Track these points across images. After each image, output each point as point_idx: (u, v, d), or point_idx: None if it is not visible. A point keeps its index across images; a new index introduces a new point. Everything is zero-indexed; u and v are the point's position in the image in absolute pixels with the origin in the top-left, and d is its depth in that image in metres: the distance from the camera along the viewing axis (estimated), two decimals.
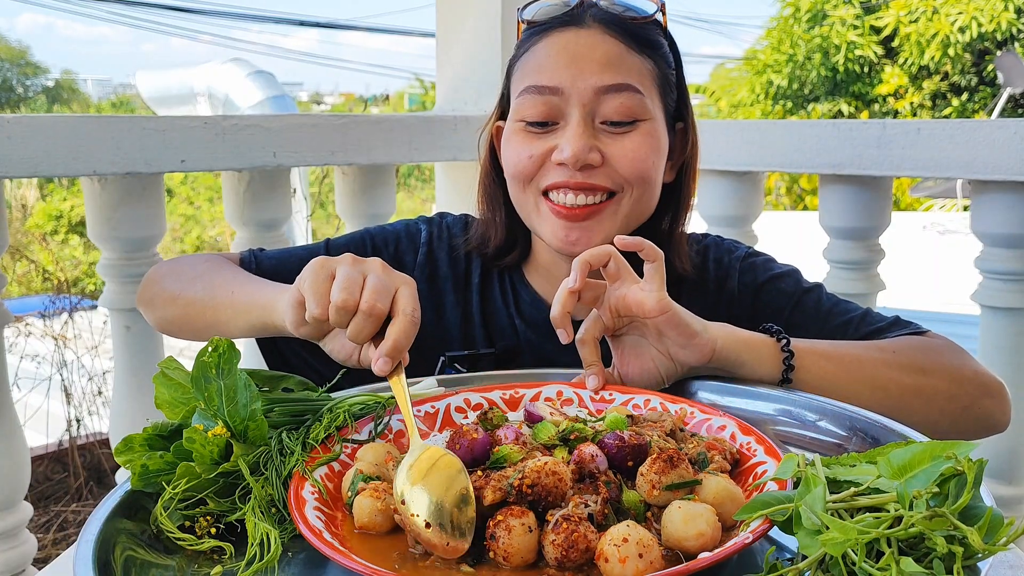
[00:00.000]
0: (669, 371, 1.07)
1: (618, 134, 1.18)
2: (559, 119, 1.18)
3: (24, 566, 1.86)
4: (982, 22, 14.41)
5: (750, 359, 1.09)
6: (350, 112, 7.46)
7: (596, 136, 1.17)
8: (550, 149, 1.18)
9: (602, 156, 1.17)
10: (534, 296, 1.32)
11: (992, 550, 0.63)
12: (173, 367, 0.95)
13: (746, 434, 0.90)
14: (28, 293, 7.16)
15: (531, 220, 1.25)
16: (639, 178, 1.18)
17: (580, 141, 1.15)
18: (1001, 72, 12.75)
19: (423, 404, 1.01)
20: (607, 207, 1.19)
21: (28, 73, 29.08)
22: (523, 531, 0.72)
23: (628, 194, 1.19)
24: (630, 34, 1.19)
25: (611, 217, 1.20)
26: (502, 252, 1.33)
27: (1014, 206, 1.85)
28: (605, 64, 1.16)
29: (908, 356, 1.17)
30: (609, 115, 1.17)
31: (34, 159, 1.69)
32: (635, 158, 1.17)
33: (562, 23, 1.20)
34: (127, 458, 0.88)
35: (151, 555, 0.80)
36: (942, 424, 1.17)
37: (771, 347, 1.11)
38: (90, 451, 3.75)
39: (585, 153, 1.16)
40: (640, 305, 1.03)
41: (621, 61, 1.17)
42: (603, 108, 1.17)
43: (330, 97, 35.01)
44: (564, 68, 1.17)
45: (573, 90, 1.16)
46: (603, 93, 1.16)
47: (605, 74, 1.16)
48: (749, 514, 0.73)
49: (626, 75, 1.17)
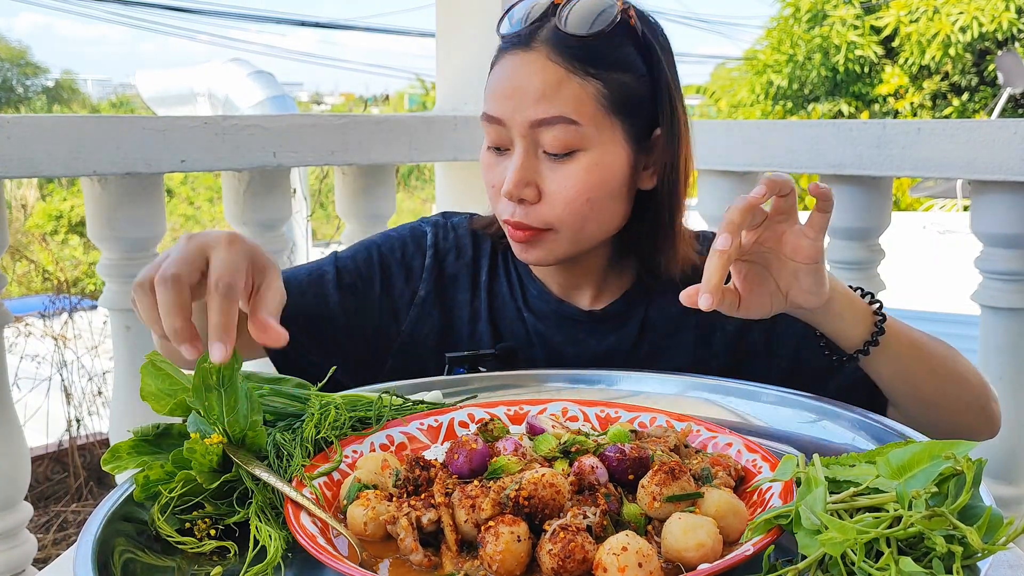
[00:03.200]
0: (778, 307, 1.06)
1: (557, 164, 1.16)
2: (509, 146, 1.18)
3: (24, 566, 1.86)
4: (983, 22, 14.40)
5: (850, 317, 1.10)
6: (350, 112, 7.46)
7: (538, 168, 1.16)
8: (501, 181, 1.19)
9: (539, 191, 1.16)
10: (540, 288, 1.32)
11: (992, 549, 0.64)
12: (161, 359, 0.95)
13: (752, 452, 0.90)
14: (28, 293, 7.16)
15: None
16: (572, 217, 1.17)
17: (515, 176, 1.15)
18: (1001, 72, 12.75)
19: (426, 417, 1.01)
20: (546, 236, 1.19)
21: (28, 73, 29.08)
22: (512, 539, 0.71)
23: (566, 229, 1.18)
24: (576, 56, 1.14)
25: (555, 243, 1.19)
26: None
27: (1014, 206, 1.85)
28: (539, 96, 1.13)
29: (950, 350, 1.20)
30: (546, 146, 1.15)
31: (34, 159, 1.69)
32: (567, 198, 1.15)
33: (514, 44, 1.17)
34: (114, 466, 0.88)
35: (151, 556, 0.80)
36: (965, 420, 1.20)
37: (867, 312, 1.12)
38: (90, 451, 3.75)
39: (520, 189, 1.15)
40: (797, 249, 1.01)
41: (556, 92, 1.13)
42: (541, 139, 1.15)
43: (330, 97, 35.01)
44: (505, 99, 1.15)
45: (512, 122, 1.15)
46: (537, 126, 1.14)
47: (539, 107, 1.13)
48: (756, 533, 0.72)
49: (561, 106, 1.13)
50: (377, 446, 0.96)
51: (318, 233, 8.52)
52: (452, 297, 1.33)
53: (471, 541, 0.76)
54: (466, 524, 0.76)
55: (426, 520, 0.77)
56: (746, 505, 0.80)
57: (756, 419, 1.08)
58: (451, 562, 0.74)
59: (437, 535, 0.77)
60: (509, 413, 1.03)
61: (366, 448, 0.95)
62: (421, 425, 1.00)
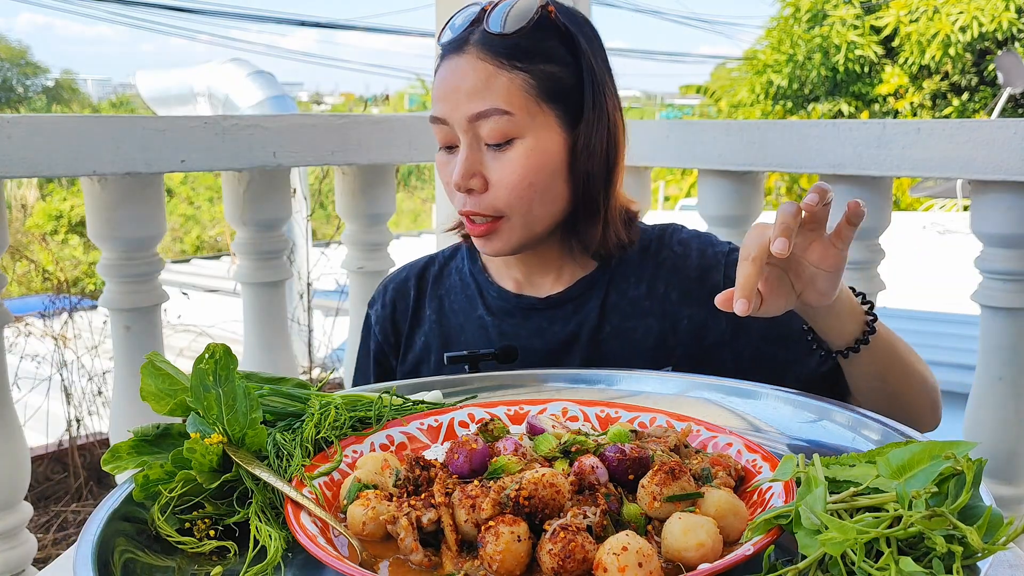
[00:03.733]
0: (790, 305, 1.10)
1: (498, 154, 1.24)
2: (456, 143, 1.27)
3: (24, 566, 1.86)
4: (983, 22, 14.40)
5: (847, 317, 1.15)
6: (350, 112, 7.45)
7: (482, 160, 1.25)
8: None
9: (486, 181, 1.25)
10: (499, 290, 1.40)
11: (992, 549, 0.64)
12: (160, 359, 0.95)
13: (752, 452, 0.90)
14: (28, 293, 7.16)
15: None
16: (519, 202, 1.25)
17: (461, 168, 1.24)
18: (1001, 72, 12.73)
19: (427, 417, 1.01)
20: (501, 224, 1.27)
21: (28, 73, 29.08)
22: (512, 539, 0.71)
23: (516, 214, 1.26)
24: (501, 52, 1.23)
25: (510, 230, 1.27)
26: None
27: (1014, 206, 1.85)
28: (472, 92, 1.23)
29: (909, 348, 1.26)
30: (486, 138, 1.24)
31: (34, 159, 1.69)
32: (510, 183, 1.24)
33: (449, 50, 1.27)
34: (114, 466, 0.88)
35: (151, 555, 0.80)
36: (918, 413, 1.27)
37: (860, 313, 1.17)
38: (90, 451, 3.75)
39: (467, 180, 1.24)
40: (824, 257, 1.05)
41: (487, 86, 1.22)
42: (481, 132, 1.24)
43: (330, 97, 35.00)
44: (444, 100, 1.25)
45: (453, 120, 1.24)
46: (475, 120, 1.23)
47: (473, 102, 1.22)
48: (756, 533, 0.72)
49: (492, 99, 1.22)
50: (377, 446, 0.96)
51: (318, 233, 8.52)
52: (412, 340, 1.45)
53: (471, 541, 0.76)
54: (466, 524, 0.76)
55: (426, 520, 0.77)
56: (746, 505, 0.80)
57: (756, 419, 1.08)
58: (451, 562, 0.74)
59: (437, 535, 0.77)
60: (509, 413, 1.03)
61: (366, 448, 0.95)
62: (421, 425, 1.00)
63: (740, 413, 1.09)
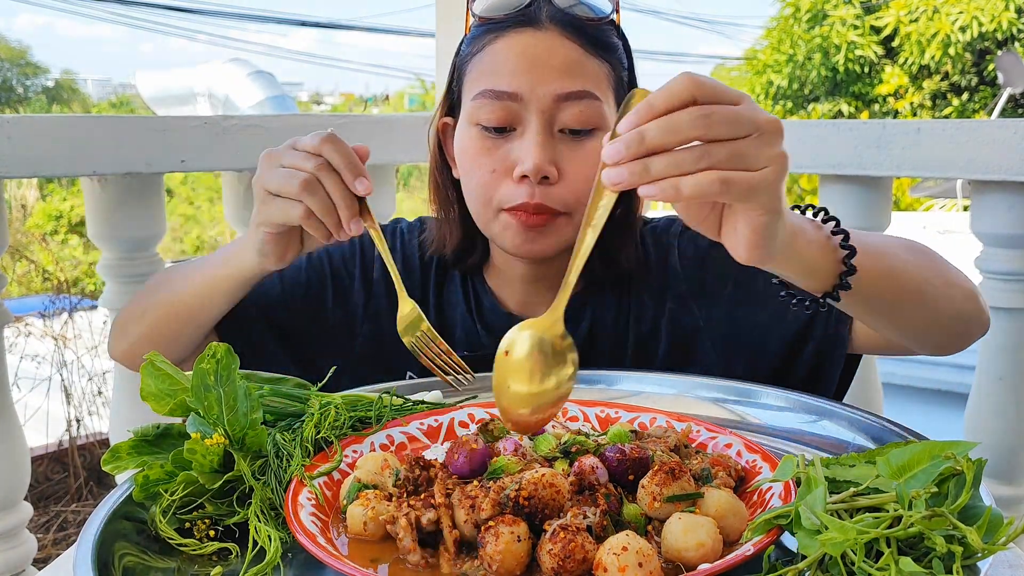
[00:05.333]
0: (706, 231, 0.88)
1: (576, 143, 1.15)
2: (517, 124, 1.15)
3: (24, 566, 1.86)
4: (983, 22, 14.39)
5: (809, 257, 0.91)
6: (350, 112, 7.46)
7: (555, 146, 1.14)
8: (510, 164, 1.15)
9: (559, 170, 1.14)
10: (493, 302, 1.31)
11: (991, 549, 0.64)
12: (161, 359, 0.95)
13: (752, 452, 0.90)
14: (28, 293, 7.15)
15: (488, 227, 1.22)
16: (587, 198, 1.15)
17: (541, 153, 1.12)
18: (1001, 72, 12.73)
19: (427, 417, 1.01)
20: (559, 222, 1.17)
21: (28, 73, 29.06)
22: (512, 539, 0.71)
23: (578, 213, 1.16)
24: (587, 37, 1.15)
25: (563, 230, 1.18)
26: (461, 254, 1.31)
27: (1014, 206, 1.85)
28: (565, 70, 1.13)
29: (928, 260, 1.09)
30: (568, 123, 1.14)
31: (34, 159, 1.69)
32: (589, 176, 1.11)
33: (517, 22, 1.16)
34: (114, 466, 0.88)
35: (151, 556, 0.80)
36: (956, 329, 1.12)
37: (828, 249, 0.93)
38: (90, 451, 3.75)
39: (545, 166, 1.13)
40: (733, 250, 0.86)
41: (580, 67, 1.14)
42: (562, 116, 1.14)
43: (330, 97, 34.98)
44: (523, 73, 1.13)
45: (532, 96, 1.13)
46: (562, 100, 1.13)
47: (565, 80, 1.13)
48: (756, 533, 0.72)
49: (585, 81, 1.14)
50: (377, 446, 0.96)
51: None
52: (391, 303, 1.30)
53: (470, 542, 0.76)
54: (466, 524, 0.76)
55: (425, 520, 0.77)
56: (746, 505, 0.80)
57: (756, 419, 1.08)
58: (447, 564, 0.74)
59: (437, 535, 0.77)
60: None
61: (366, 448, 0.95)
62: (421, 425, 1.00)
63: (740, 413, 1.09)
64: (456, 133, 1.24)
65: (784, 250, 0.87)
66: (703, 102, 0.76)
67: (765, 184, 0.78)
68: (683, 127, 0.75)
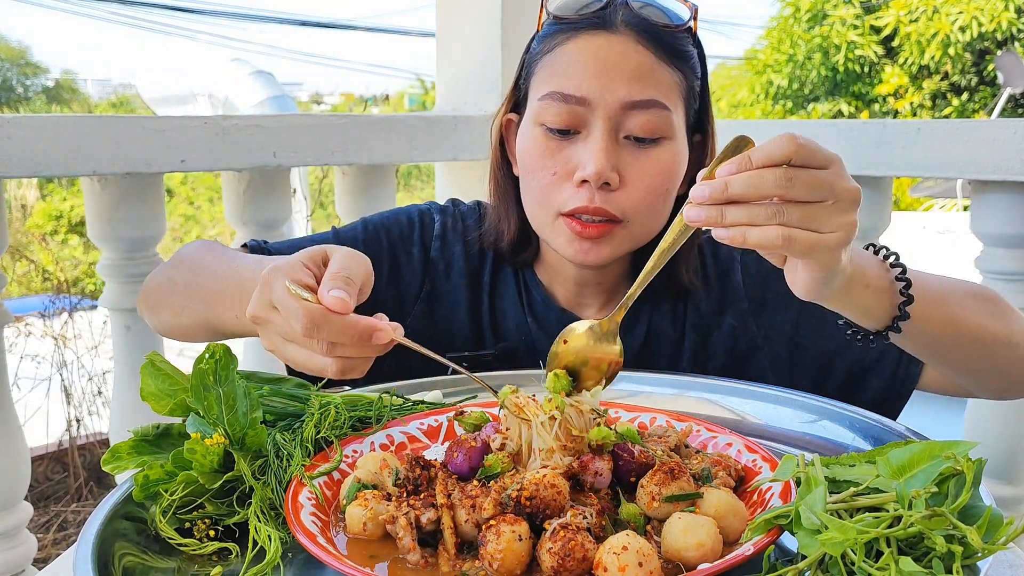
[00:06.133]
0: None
1: (640, 151, 1.14)
2: (581, 128, 1.14)
3: (24, 566, 1.86)
4: (983, 22, 14.39)
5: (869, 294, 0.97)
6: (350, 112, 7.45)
7: (618, 152, 1.13)
8: (571, 167, 1.14)
9: (620, 177, 1.13)
10: (544, 295, 1.30)
11: (991, 549, 0.64)
12: (160, 359, 0.95)
13: (752, 452, 0.90)
14: (28, 293, 7.15)
15: (543, 230, 1.22)
16: (648, 207, 1.15)
17: (604, 158, 1.11)
18: (1001, 72, 12.73)
19: (427, 417, 1.01)
20: (616, 230, 1.16)
21: (28, 73, 29.05)
22: (513, 538, 0.71)
23: (636, 222, 1.16)
24: (661, 44, 1.14)
25: (622, 239, 1.17)
26: (518, 248, 1.30)
27: (1014, 206, 1.85)
28: (636, 77, 1.12)
29: (990, 304, 1.11)
30: (633, 130, 1.13)
31: (34, 159, 1.69)
32: (650, 186, 1.14)
33: (592, 24, 1.14)
34: (114, 466, 0.88)
35: (151, 555, 0.80)
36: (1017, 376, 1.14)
37: (887, 287, 0.99)
38: (90, 451, 3.75)
39: (607, 172, 1.11)
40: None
41: (651, 75, 1.12)
42: (628, 123, 1.13)
43: (330, 97, 34.94)
44: (594, 78, 1.12)
45: (600, 102, 1.12)
46: (630, 108, 1.12)
47: (634, 87, 1.12)
48: (756, 533, 0.72)
49: (655, 90, 1.12)
50: (377, 446, 0.96)
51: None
52: (457, 294, 1.30)
53: (471, 541, 0.76)
54: (466, 524, 0.76)
55: (425, 520, 0.77)
56: (746, 505, 0.80)
57: (756, 419, 1.08)
58: (447, 563, 0.74)
59: (437, 535, 0.77)
60: None
61: (366, 448, 0.95)
62: (421, 425, 1.00)
63: (740, 413, 1.10)
64: (520, 131, 1.22)
65: (839, 295, 0.94)
66: (796, 163, 0.81)
67: (826, 248, 0.84)
68: (766, 186, 0.81)
